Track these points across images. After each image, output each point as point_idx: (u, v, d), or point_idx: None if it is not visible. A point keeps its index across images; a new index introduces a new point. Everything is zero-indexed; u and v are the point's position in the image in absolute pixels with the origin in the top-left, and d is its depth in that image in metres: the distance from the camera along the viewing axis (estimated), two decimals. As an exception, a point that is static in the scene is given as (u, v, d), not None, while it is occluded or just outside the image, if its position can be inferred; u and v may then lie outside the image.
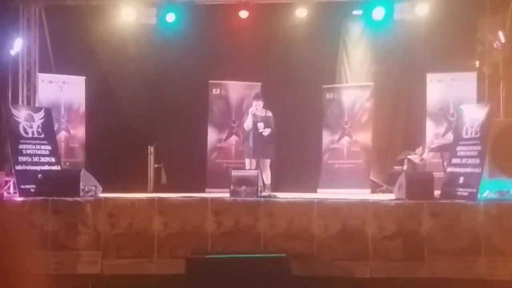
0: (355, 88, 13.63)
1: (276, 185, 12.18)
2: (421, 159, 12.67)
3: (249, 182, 10.06)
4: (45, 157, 11.11)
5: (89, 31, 13.12)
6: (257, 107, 12.04)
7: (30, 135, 11.11)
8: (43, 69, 13.30)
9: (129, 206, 9.54)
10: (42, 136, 11.29)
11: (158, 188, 12.67)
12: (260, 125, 11.90)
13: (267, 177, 11.69)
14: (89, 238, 9.49)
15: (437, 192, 9.92)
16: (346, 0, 13.22)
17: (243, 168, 11.73)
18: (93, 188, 10.17)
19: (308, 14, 13.28)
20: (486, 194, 9.75)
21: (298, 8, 13.28)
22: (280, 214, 9.41)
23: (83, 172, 10.35)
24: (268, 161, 12.06)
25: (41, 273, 1.69)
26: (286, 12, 13.42)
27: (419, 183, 9.73)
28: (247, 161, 12.08)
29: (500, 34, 12.38)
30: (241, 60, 13.44)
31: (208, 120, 13.70)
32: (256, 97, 12.37)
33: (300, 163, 13.40)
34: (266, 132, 11.93)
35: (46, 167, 10.95)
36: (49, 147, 11.31)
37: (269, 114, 12.18)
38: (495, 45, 12.49)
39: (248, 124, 12.02)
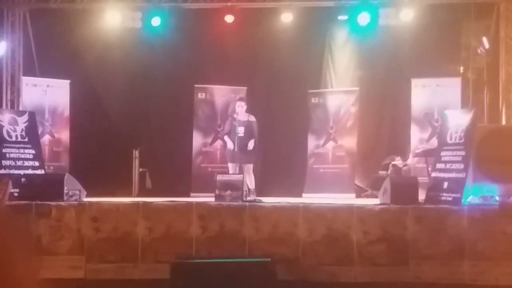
0: (340, 93, 13.66)
1: (261, 190, 12.17)
2: (405, 165, 12.72)
3: (234, 186, 10.05)
4: (28, 161, 11.03)
5: (74, 35, 13.07)
6: (238, 109, 12.03)
7: (13, 138, 11.03)
8: (27, 73, 13.23)
9: (113, 210, 9.50)
10: (26, 139, 11.21)
11: (143, 192, 12.61)
12: (240, 129, 11.87)
13: (251, 182, 11.68)
14: (73, 243, 9.43)
15: (421, 197, 9.95)
16: (331, 6, 13.25)
17: (228, 172, 11.72)
18: (77, 192, 10.11)
19: (293, 19, 13.30)
20: (470, 199, 9.78)
21: (284, 13, 13.29)
22: (265, 218, 9.40)
23: (67, 176, 10.29)
24: (250, 166, 12.03)
25: (25, 277, 1.67)
26: (271, 17, 13.43)
27: (404, 188, 9.76)
28: (230, 165, 12.07)
29: (484, 40, 12.47)
30: (226, 64, 13.43)
31: (193, 124, 13.67)
32: (240, 99, 12.41)
33: (285, 168, 13.40)
34: (251, 145, 11.89)
35: (30, 171, 10.87)
36: (33, 151, 11.23)
37: (252, 118, 12.17)
38: (479, 50, 12.58)
39: (227, 128, 12.06)
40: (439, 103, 12.47)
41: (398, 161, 12.75)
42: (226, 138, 12.27)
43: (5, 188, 8.54)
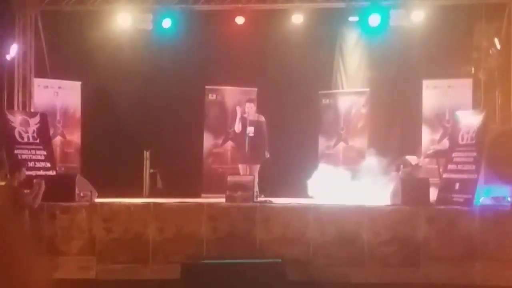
0: (351, 94, 13.64)
1: (272, 191, 12.14)
2: (417, 163, 12.65)
3: (245, 187, 10.06)
4: (40, 162, 11.09)
5: (85, 36, 13.11)
6: (248, 110, 12.03)
7: (25, 140, 11.09)
8: (39, 74, 13.27)
9: (124, 211, 9.52)
10: (38, 141, 11.27)
11: (153, 193, 12.62)
12: (250, 129, 11.87)
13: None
14: (84, 243, 9.46)
15: (433, 198, 9.92)
16: (342, 7, 13.23)
17: (239, 173, 11.71)
18: (89, 193, 10.14)
19: (304, 21, 13.29)
20: (482, 200, 9.74)
21: (294, 14, 13.28)
22: (276, 219, 9.41)
23: (78, 177, 10.33)
24: (257, 167, 11.97)
25: (36, 278, 1.68)
26: (282, 18, 13.43)
27: (415, 189, 9.74)
28: (240, 166, 12.06)
29: (496, 41, 12.41)
30: (237, 65, 13.44)
31: (204, 125, 13.68)
32: (249, 100, 12.41)
33: (296, 168, 13.37)
34: (267, 154, 11.88)
35: (42, 172, 10.91)
36: (44, 152, 11.29)
37: (262, 119, 12.17)
38: (490, 51, 12.53)
39: (238, 127, 12.04)
40: (450, 104, 12.43)
41: (411, 158, 12.64)
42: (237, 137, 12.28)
43: (37, 188, 8.59)
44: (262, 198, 10.66)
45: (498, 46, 12.36)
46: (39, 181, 8.78)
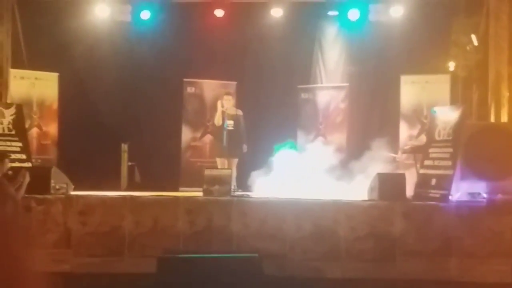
0: (330, 89, 13.66)
1: (250, 185, 12.12)
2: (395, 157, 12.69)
3: (222, 181, 10.03)
4: (15, 154, 10.96)
5: (62, 27, 12.99)
6: (226, 103, 12.00)
7: (0, 131, 10.95)
8: (15, 65, 13.12)
9: (100, 204, 9.45)
10: (13, 132, 11.14)
11: (131, 186, 12.56)
12: (229, 122, 11.85)
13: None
14: (60, 236, 9.38)
15: (409, 194, 9.96)
16: (321, 1, 13.23)
17: (217, 167, 11.68)
18: (64, 185, 10.05)
19: (283, 14, 13.28)
20: (458, 196, 9.79)
21: (274, 7, 13.26)
22: (253, 214, 9.39)
23: (54, 169, 10.23)
24: (235, 161, 11.98)
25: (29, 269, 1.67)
26: (261, 11, 13.40)
27: (392, 184, 9.76)
28: (218, 160, 12.04)
29: (473, 37, 12.46)
30: (216, 59, 13.40)
31: (182, 118, 13.63)
32: (227, 93, 12.40)
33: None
34: (245, 149, 11.88)
35: (17, 164, 10.79)
36: (20, 144, 11.17)
37: (240, 112, 12.16)
38: (468, 48, 12.58)
39: (218, 120, 12.01)
40: (428, 99, 12.49)
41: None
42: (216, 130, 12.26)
43: (22, 180, 8.49)
44: (239, 192, 10.64)
45: (476, 42, 12.41)
46: (24, 172, 8.68)
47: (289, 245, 9.26)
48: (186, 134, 13.62)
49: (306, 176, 11.45)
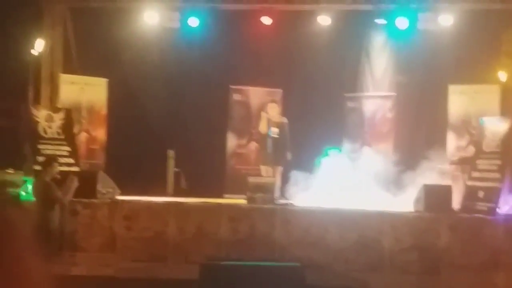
0: (377, 98, 13.53)
1: (295, 193, 12.07)
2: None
3: (265, 189, 10.02)
4: (64, 158, 11.15)
5: (112, 34, 13.16)
6: (271, 110, 11.99)
7: (49, 135, 11.16)
8: (66, 70, 13.36)
9: (145, 209, 9.55)
10: (62, 137, 11.34)
11: (177, 192, 12.64)
12: (275, 130, 11.83)
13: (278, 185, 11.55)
14: (105, 240, 9.50)
15: (457, 206, 9.80)
16: (369, 9, 13.12)
17: (261, 174, 11.68)
18: (111, 190, 10.18)
19: (331, 22, 13.21)
20: (506, 209, 9.60)
21: (321, 15, 13.21)
22: (296, 222, 9.36)
23: (100, 174, 10.37)
24: (279, 168, 11.91)
25: (55, 274, 1.67)
26: (309, 19, 13.35)
27: (438, 196, 9.62)
28: (262, 168, 12.02)
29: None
30: (262, 66, 13.41)
31: (228, 125, 13.68)
32: (272, 100, 12.39)
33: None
34: (289, 156, 11.80)
35: (65, 168, 10.97)
36: (68, 148, 11.36)
37: (285, 120, 12.14)
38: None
39: (263, 127, 12.00)
40: (477, 110, 12.26)
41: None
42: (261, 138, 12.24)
43: (69, 184, 8.67)
44: (283, 201, 10.61)
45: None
46: (72, 177, 8.83)
47: (332, 255, 9.20)
48: (232, 141, 13.66)
49: (351, 185, 11.36)
